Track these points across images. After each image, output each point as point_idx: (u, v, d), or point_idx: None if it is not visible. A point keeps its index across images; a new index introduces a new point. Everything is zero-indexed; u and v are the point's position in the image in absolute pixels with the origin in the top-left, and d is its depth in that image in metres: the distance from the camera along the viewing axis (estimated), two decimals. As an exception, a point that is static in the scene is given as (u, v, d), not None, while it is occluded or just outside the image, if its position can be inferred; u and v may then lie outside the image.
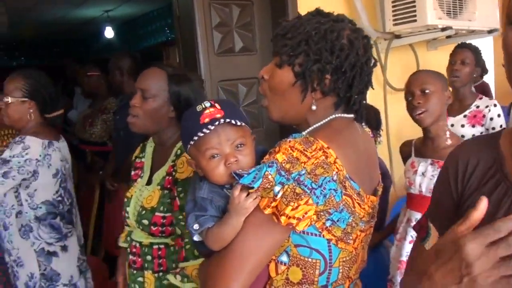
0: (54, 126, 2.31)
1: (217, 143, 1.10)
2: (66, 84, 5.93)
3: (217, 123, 1.08)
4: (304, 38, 1.13)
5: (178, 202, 1.57)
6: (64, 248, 2.20)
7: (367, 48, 1.18)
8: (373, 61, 1.21)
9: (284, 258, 1.11)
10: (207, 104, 1.12)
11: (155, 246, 1.64)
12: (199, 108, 1.12)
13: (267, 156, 1.07)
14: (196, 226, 1.09)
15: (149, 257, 1.65)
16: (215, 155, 1.10)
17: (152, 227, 1.61)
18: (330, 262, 1.11)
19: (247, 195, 1.03)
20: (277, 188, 1.01)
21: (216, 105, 1.12)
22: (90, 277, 2.39)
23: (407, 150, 2.22)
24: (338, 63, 1.12)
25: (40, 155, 2.09)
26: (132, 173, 1.82)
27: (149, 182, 1.71)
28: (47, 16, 6.83)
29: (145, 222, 1.62)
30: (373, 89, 1.24)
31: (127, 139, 3.30)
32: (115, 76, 3.24)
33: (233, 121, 1.10)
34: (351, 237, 1.11)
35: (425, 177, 2.03)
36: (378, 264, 2.34)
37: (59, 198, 2.19)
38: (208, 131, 1.08)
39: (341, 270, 1.13)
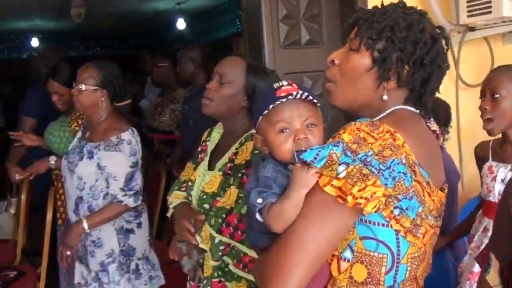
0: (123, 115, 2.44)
1: (289, 117, 1.10)
2: (138, 74, 6.19)
3: (292, 96, 1.10)
4: (390, 24, 1.11)
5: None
6: (139, 225, 2.37)
7: (445, 47, 1.17)
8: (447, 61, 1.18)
9: (348, 254, 1.06)
10: (285, 82, 1.15)
11: None
12: (276, 85, 1.14)
13: (331, 139, 1.05)
14: (259, 200, 1.07)
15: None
16: (285, 130, 1.10)
17: (212, 211, 1.65)
18: (398, 258, 1.05)
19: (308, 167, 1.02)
20: (340, 168, 0.99)
21: (294, 84, 1.14)
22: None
23: (483, 152, 2.08)
24: (420, 55, 1.11)
25: (135, 143, 2.27)
26: (199, 156, 1.88)
27: (211, 167, 1.77)
28: (122, 8, 7.14)
29: (206, 206, 1.68)
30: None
31: (195, 128, 3.41)
32: (188, 67, 3.36)
33: (309, 97, 1.11)
34: (420, 231, 1.06)
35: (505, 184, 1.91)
36: (442, 270, 2.23)
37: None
38: (282, 100, 1.10)
39: (409, 268, 1.07)
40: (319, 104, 1.14)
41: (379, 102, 1.15)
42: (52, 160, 2.70)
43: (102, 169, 2.24)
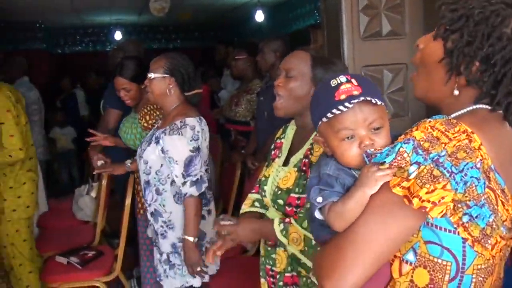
0: (194, 104, 2.50)
1: (353, 123, 1.05)
2: (216, 66, 6.33)
3: (354, 100, 1.03)
4: (466, 14, 1.04)
5: None
6: (209, 212, 2.48)
7: None
8: None
9: (411, 256, 1.02)
10: (343, 78, 1.07)
11: None
12: (333, 82, 1.07)
13: (402, 136, 1.01)
14: (319, 199, 1.05)
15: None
16: (349, 136, 1.05)
17: (286, 207, 1.66)
18: (463, 267, 1.00)
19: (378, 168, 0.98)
20: (412, 168, 0.94)
21: (353, 80, 1.06)
22: None
23: None
24: (489, 52, 1.02)
25: (200, 130, 2.33)
26: (272, 152, 1.89)
27: (286, 163, 1.77)
28: (202, 1, 7.30)
29: (280, 202, 1.68)
30: None
31: (269, 120, 3.43)
32: (269, 57, 3.38)
33: (372, 100, 1.04)
34: (489, 241, 0.99)
35: None
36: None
37: (207, 167, 2.44)
38: (344, 109, 1.03)
39: (474, 280, 1.01)
40: (381, 103, 1.06)
41: (451, 98, 1.09)
42: (128, 163, 2.85)
43: (165, 153, 2.30)
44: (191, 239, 2.29)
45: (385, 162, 0.97)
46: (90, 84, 7.56)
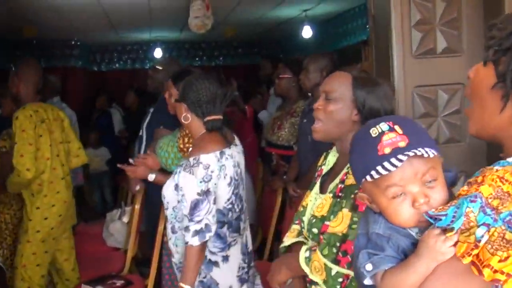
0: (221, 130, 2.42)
1: (402, 180, 0.99)
2: (260, 84, 6.38)
3: (402, 157, 0.97)
4: None
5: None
6: (226, 259, 2.34)
7: None
8: None
9: None
10: (385, 127, 1.01)
11: None
12: (374, 132, 1.02)
13: (465, 188, 0.96)
14: (369, 267, 1.00)
15: None
16: (400, 194, 1.00)
17: (321, 236, 1.65)
18: None
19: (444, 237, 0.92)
20: (480, 231, 0.88)
21: (396, 127, 1.01)
22: (259, 283, 2.53)
23: None
24: None
25: (217, 169, 2.24)
26: (314, 181, 1.90)
27: (323, 191, 1.78)
28: (246, 17, 7.45)
29: (315, 231, 1.68)
30: None
31: (313, 144, 3.41)
32: (314, 77, 3.38)
33: (423, 154, 0.98)
34: None
35: None
36: None
37: (229, 206, 2.33)
38: (391, 168, 0.97)
39: None
40: (434, 153, 1.00)
41: (510, 129, 1.02)
42: (151, 177, 2.84)
43: (178, 190, 2.27)
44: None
45: (453, 228, 0.91)
46: (128, 103, 7.77)
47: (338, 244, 1.60)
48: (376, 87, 1.72)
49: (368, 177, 1.01)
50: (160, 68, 3.76)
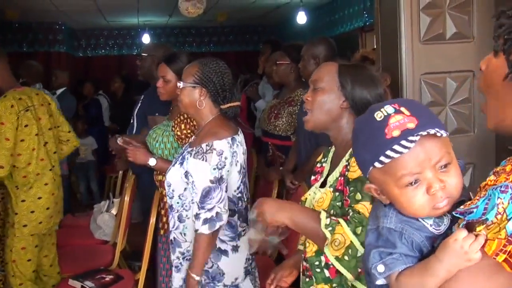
0: (232, 118, 2.43)
1: (416, 166, 0.94)
2: (254, 72, 6.29)
3: (413, 138, 0.92)
4: None
5: (348, 201, 1.60)
6: (235, 249, 2.32)
7: None
8: None
9: None
10: (390, 109, 0.97)
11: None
12: (379, 115, 0.97)
13: (492, 177, 0.93)
14: (380, 268, 0.97)
15: (317, 269, 1.69)
16: (413, 182, 0.95)
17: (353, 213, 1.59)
18: None
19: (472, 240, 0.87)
20: (511, 225, 0.84)
21: (403, 109, 0.96)
22: (257, 276, 2.50)
23: None
24: None
25: (229, 156, 2.23)
26: (312, 178, 1.92)
27: (323, 185, 1.79)
28: (240, 1, 7.38)
29: None
30: None
31: (313, 134, 3.37)
32: (309, 65, 3.33)
33: (436, 132, 0.94)
34: None
35: None
36: None
37: (239, 195, 2.33)
38: (403, 150, 0.93)
39: None
40: (445, 133, 0.96)
41: None
42: (152, 161, 2.79)
43: (188, 177, 2.24)
44: (196, 277, 2.20)
45: (487, 219, 0.87)
46: (113, 89, 7.67)
47: None
48: (361, 72, 1.77)
49: (377, 164, 0.96)
50: (146, 55, 3.68)
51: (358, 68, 1.81)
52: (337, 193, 1.67)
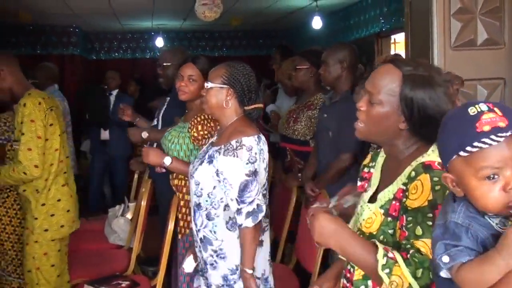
0: (255, 120, 2.49)
1: (499, 161, 0.99)
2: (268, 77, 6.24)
3: (503, 134, 0.98)
4: None
5: (406, 233, 1.43)
6: (261, 243, 2.39)
7: None
8: None
9: None
10: (484, 107, 1.02)
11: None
12: (472, 110, 1.02)
13: None
14: (445, 259, 1.01)
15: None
16: (492, 176, 1.00)
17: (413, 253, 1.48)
18: None
19: None
20: None
21: (496, 109, 1.01)
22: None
23: None
24: None
25: (258, 152, 2.30)
26: (359, 183, 1.76)
27: (372, 199, 1.63)
28: (255, 5, 7.32)
29: None
30: None
31: (334, 140, 3.32)
32: (334, 69, 3.28)
33: None
34: None
35: None
36: None
37: (265, 192, 2.39)
38: (492, 143, 0.98)
39: None
40: None
41: None
42: (168, 160, 2.78)
43: (219, 175, 2.30)
44: (249, 271, 2.26)
45: None
46: (130, 93, 7.63)
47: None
48: (433, 88, 1.47)
49: (462, 153, 1.01)
50: (169, 64, 3.65)
51: (428, 81, 1.48)
52: (389, 219, 1.51)
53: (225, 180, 2.28)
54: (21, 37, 9.01)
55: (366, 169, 1.75)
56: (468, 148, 1.00)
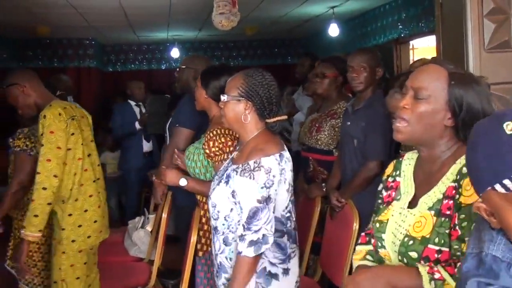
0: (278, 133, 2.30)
1: None
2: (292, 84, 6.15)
3: None
4: None
5: (458, 232, 1.40)
6: (286, 272, 2.19)
7: None
8: None
9: None
10: None
11: None
12: (509, 127, 0.89)
13: None
14: None
15: None
16: None
17: (422, 262, 1.47)
18: None
19: None
20: None
21: None
22: None
23: None
24: None
25: (278, 173, 2.09)
26: (384, 194, 1.75)
27: (412, 205, 1.59)
28: (270, 14, 7.25)
29: (414, 255, 1.50)
30: None
31: (360, 149, 3.23)
32: (361, 75, 3.20)
33: None
34: None
35: None
36: None
37: (288, 214, 2.19)
38: None
39: None
40: None
41: None
42: (183, 181, 2.68)
43: (234, 197, 2.11)
44: None
45: None
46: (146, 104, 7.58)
47: None
48: (475, 85, 1.52)
49: (498, 187, 0.87)
50: (184, 67, 3.55)
51: (471, 78, 1.55)
52: (443, 218, 1.47)
53: (238, 203, 2.10)
54: (39, 50, 9.05)
55: (390, 179, 1.74)
56: (506, 183, 0.87)
